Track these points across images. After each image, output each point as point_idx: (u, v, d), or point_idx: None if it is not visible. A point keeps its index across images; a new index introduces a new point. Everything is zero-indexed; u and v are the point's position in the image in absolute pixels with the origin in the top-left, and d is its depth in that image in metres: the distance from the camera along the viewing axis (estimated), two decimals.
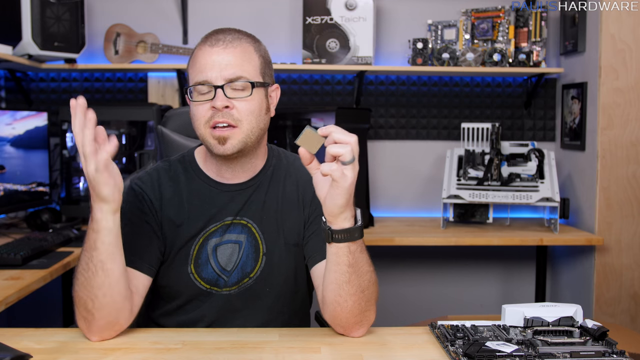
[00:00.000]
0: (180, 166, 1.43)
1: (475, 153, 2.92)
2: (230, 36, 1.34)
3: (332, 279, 1.23)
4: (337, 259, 1.21)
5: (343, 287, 1.23)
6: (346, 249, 1.20)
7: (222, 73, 1.30)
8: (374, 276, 1.27)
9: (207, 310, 1.39)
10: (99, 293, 1.19)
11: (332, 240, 1.19)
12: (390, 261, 3.18)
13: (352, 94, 3.13)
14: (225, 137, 1.30)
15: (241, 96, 1.31)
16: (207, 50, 1.32)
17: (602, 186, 2.73)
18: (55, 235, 2.34)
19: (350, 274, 1.21)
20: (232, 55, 1.31)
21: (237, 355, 1.18)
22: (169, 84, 3.10)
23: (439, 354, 1.19)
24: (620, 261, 2.75)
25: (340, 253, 1.20)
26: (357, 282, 1.22)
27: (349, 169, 1.13)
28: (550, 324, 1.21)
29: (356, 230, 1.19)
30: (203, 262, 1.37)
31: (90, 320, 1.21)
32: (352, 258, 1.21)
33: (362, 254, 1.23)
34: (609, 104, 2.70)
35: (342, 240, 1.19)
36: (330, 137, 1.13)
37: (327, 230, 1.19)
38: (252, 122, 1.33)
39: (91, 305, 1.20)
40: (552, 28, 3.10)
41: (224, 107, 1.29)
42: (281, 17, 3.09)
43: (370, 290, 1.25)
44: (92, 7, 3.03)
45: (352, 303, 1.24)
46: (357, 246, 1.21)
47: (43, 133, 2.81)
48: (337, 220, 1.18)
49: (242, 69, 1.31)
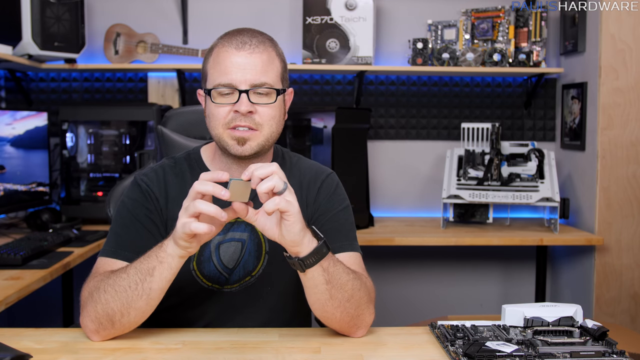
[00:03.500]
0: (185, 163, 1.43)
1: (475, 153, 2.92)
2: (255, 39, 1.33)
3: (314, 300, 1.24)
4: (313, 282, 1.21)
5: (327, 304, 1.23)
6: (319, 270, 1.19)
7: (247, 77, 1.29)
8: (357, 282, 1.25)
9: (209, 307, 1.39)
10: (133, 312, 1.21)
11: (306, 268, 1.18)
12: (390, 261, 3.18)
13: (352, 94, 3.13)
14: (246, 139, 1.30)
15: (264, 102, 1.31)
16: (232, 53, 1.31)
17: (602, 186, 2.73)
18: (55, 235, 2.34)
19: (330, 290, 1.21)
20: (258, 61, 1.31)
21: (237, 355, 1.18)
22: (169, 84, 3.10)
23: (439, 354, 1.19)
24: (620, 261, 2.75)
25: (315, 275, 1.20)
26: (340, 295, 1.22)
27: (289, 194, 1.13)
28: (550, 324, 1.21)
29: (323, 246, 1.19)
30: (205, 260, 1.37)
31: (106, 328, 1.22)
32: (327, 275, 1.20)
33: (336, 267, 1.22)
34: (609, 104, 2.70)
35: (314, 263, 1.18)
36: (254, 177, 1.12)
37: (297, 262, 1.18)
38: (273, 126, 1.33)
39: (119, 318, 1.21)
40: (552, 28, 3.10)
41: (247, 112, 1.29)
42: (281, 17, 3.09)
43: (357, 296, 1.24)
44: (92, 7, 3.03)
45: (339, 314, 1.24)
46: (329, 261, 1.20)
47: (43, 133, 2.81)
48: (302, 246, 1.17)
49: (267, 75, 1.31)
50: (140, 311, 1.22)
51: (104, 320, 1.22)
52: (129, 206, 1.34)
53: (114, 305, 1.20)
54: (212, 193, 1.11)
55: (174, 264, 1.19)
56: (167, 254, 1.18)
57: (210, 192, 1.11)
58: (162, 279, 1.20)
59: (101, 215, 2.60)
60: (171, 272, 1.20)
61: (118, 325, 1.22)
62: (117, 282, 1.21)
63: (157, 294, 1.21)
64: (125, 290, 1.20)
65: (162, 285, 1.21)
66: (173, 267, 1.19)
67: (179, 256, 1.18)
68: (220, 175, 1.12)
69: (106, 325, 1.22)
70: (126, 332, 1.25)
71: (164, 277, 1.20)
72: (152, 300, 1.21)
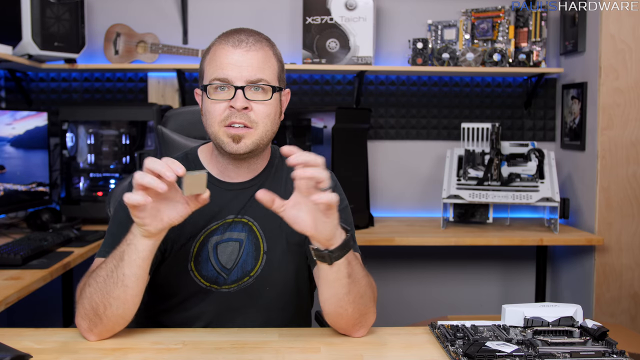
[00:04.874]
0: (183, 163, 1.43)
1: (475, 153, 2.92)
2: (252, 38, 1.33)
3: (332, 294, 1.24)
4: (337, 275, 1.21)
5: (344, 298, 1.23)
6: (345, 262, 1.19)
7: (243, 74, 1.30)
8: (370, 279, 1.27)
9: (207, 308, 1.39)
10: (114, 303, 1.20)
11: (334, 260, 1.18)
12: (390, 261, 3.18)
13: (352, 94, 3.13)
14: (240, 136, 1.31)
15: (260, 99, 1.32)
16: (229, 50, 1.31)
17: (602, 186, 2.73)
18: (55, 235, 2.34)
19: (350, 283, 1.22)
20: (254, 58, 1.31)
21: (237, 355, 1.18)
22: (169, 84, 3.10)
23: (439, 354, 1.19)
24: (620, 261, 2.75)
25: (341, 268, 1.20)
26: (356, 289, 1.23)
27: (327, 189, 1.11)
28: (550, 324, 1.21)
29: (349, 239, 1.19)
30: (203, 260, 1.37)
31: (96, 323, 1.22)
32: (350, 268, 1.21)
33: (357, 260, 1.23)
34: (609, 104, 2.70)
35: (342, 255, 1.18)
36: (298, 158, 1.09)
37: (327, 255, 1.17)
38: (267, 125, 1.33)
39: (102, 311, 1.21)
40: (552, 28, 3.10)
41: (242, 108, 1.29)
42: (281, 17, 3.09)
43: (369, 293, 1.26)
44: (92, 7, 3.03)
45: (352, 310, 1.24)
46: (351, 255, 1.21)
47: (43, 133, 2.81)
48: (335, 239, 1.17)
49: (263, 72, 1.32)
50: (120, 301, 1.20)
51: (92, 315, 1.21)
52: (124, 206, 1.35)
53: (96, 297, 1.20)
54: (149, 185, 1.09)
55: (140, 246, 1.18)
56: (133, 235, 1.18)
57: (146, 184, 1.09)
58: (132, 263, 1.18)
59: (101, 215, 2.61)
60: (139, 256, 1.18)
61: (105, 320, 1.21)
62: (97, 273, 1.21)
63: (132, 281, 1.19)
64: (104, 280, 1.20)
65: (133, 271, 1.19)
66: (139, 249, 1.18)
67: (141, 235, 1.17)
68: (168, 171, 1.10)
69: (95, 321, 1.21)
70: (117, 327, 1.24)
71: (133, 261, 1.18)
72: (128, 289, 1.19)
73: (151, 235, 1.17)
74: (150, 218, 1.15)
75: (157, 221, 1.16)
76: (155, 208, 1.15)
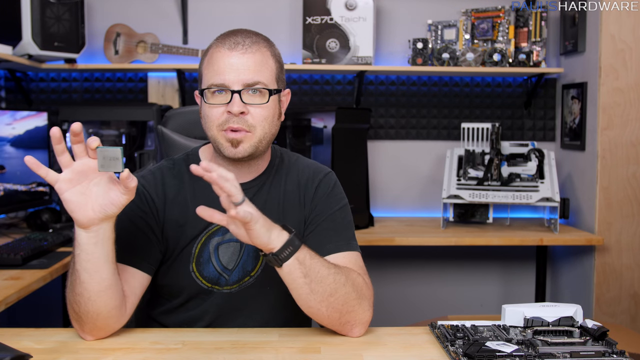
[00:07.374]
0: (184, 165, 1.43)
1: (475, 153, 2.92)
2: (249, 40, 1.32)
3: (296, 295, 1.23)
4: (291, 276, 1.20)
5: (309, 299, 1.22)
6: (295, 263, 1.19)
7: (239, 77, 1.29)
8: (340, 277, 1.24)
9: (208, 308, 1.39)
10: (80, 300, 1.19)
11: (282, 261, 1.18)
12: (390, 261, 3.18)
13: (352, 94, 3.13)
14: (239, 140, 1.30)
15: (257, 102, 1.31)
16: (225, 53, 1.31)
17: (602, 186, 2.73)
18: (55, 235, 2.34)
19: (309, 283, 1.20)
20: (251, 61, 1.30)
21: (237, 355, 1.18)
22: (169, 84, 3.10)
23: (439, 354, 1.19)
24: (620, 261, 2.75)
25: (292, 269, 1.19)
26: (320, 289, 1.21)
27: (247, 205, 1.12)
28: (550, 324, 1.21)
29: (294, 238, 1.18)
30: (205, 261, 1.37)
31: (80, 322, 1.22)
32: (304, 268, 1.20)
33: (314, 260, 1.21)
34: (609, 104, 2.70)
35: (289, 256, 1.18)
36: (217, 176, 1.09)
37: (272, 258, 1.18)
38: (266, 128, 1.33)
39: (77, 309, 1.20)
40: (552, 28, 3.10)
41: (239, 112, 1.29)
42: (281, 17, 3.09)
43: (343, 291, 1.23)
44: (92, 7, 3.03)
45: (326, 309, 1.23)
46: (304, 255, 1.20)
47: (43, 133, 2.81)
48: (272, 242, 1.16)
49: (260, 74, 1.31)
50: (84, 297, 1.18)
51: (73, 314, 1.22)
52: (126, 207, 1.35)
53: (69, 296, 1.21)
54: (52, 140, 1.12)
55: (80, 239, 1.15)
56: (76, 229, 1.16)
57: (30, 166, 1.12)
58: (79, 257, 1.17)
59: None
60: (82, 249, 1.16)
61: (84, 317, 1.20)
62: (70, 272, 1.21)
63: (85, 276, 1.17)
64: (69, 278, 1.20)
65: (83, 265, 1.16)
66: (80, 242, 1.16)
67: (78, 226, 1.15)
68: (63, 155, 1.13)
69: (78, 320, 1.21)
70: (104, 326, 1.22)
71: (78, 255, 1.17)
72: (84, 284, 1.17)
73: (84, 226, 1.14)
74: (75, 205, 1.12)
75: (87, 210, 1.13)
76: (82, 195, 1.13)
